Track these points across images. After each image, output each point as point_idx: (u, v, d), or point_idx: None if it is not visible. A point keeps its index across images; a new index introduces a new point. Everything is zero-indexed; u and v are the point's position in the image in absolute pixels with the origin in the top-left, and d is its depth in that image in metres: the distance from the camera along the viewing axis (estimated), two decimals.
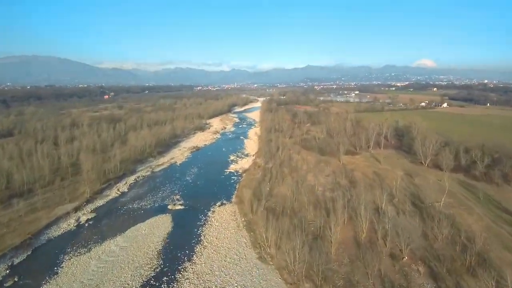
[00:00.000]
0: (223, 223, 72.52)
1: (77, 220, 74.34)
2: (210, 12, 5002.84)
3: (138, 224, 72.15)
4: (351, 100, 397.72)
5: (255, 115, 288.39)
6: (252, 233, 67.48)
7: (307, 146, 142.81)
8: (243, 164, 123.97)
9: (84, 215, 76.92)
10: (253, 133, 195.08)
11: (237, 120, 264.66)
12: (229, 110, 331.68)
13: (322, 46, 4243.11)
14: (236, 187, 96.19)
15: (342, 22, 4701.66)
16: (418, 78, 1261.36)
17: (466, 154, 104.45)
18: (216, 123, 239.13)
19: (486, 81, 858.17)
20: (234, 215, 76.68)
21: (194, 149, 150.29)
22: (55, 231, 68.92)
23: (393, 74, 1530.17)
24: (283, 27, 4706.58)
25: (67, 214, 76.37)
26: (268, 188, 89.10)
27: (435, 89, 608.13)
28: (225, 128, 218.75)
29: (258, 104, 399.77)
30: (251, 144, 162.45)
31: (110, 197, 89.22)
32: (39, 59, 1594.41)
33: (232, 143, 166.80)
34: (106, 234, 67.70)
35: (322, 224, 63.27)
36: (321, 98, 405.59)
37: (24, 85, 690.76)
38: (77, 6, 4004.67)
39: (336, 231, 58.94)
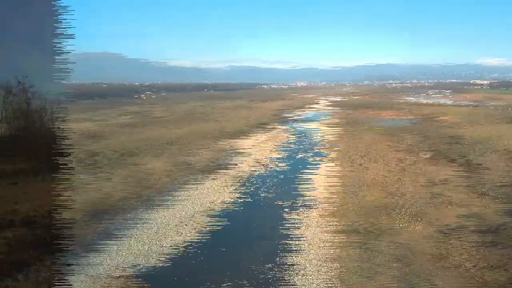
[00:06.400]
0: None
1: None
2: (278, 10, 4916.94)
3: None
4: (453, 102, 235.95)
5: (325, 128, 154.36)
6: None
7: None
8: None
9: None
10: (327, 191, 62.76)
11: (291, 138, 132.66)
12: (281, 118, 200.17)
13: (392, 43, 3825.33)
14: None
15: (409, 16, 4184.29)
16: (494, 75, 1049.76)
17: None
18: (248, 148, 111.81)
19: None
20: None
21: None
22: None
23: (470, 72, 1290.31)
24: (346, 26, 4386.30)
25: None
26: None
27: None
28: (259, 163, 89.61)
29: (327, 108, 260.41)
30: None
31: None
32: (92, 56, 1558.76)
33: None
34: None
35: None
36: (413, 100, 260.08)
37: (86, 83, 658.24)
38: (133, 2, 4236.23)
39: None
